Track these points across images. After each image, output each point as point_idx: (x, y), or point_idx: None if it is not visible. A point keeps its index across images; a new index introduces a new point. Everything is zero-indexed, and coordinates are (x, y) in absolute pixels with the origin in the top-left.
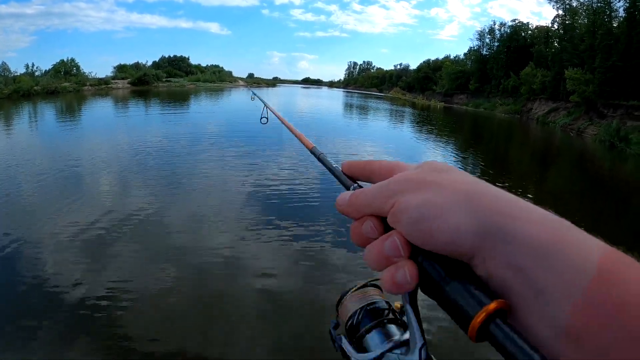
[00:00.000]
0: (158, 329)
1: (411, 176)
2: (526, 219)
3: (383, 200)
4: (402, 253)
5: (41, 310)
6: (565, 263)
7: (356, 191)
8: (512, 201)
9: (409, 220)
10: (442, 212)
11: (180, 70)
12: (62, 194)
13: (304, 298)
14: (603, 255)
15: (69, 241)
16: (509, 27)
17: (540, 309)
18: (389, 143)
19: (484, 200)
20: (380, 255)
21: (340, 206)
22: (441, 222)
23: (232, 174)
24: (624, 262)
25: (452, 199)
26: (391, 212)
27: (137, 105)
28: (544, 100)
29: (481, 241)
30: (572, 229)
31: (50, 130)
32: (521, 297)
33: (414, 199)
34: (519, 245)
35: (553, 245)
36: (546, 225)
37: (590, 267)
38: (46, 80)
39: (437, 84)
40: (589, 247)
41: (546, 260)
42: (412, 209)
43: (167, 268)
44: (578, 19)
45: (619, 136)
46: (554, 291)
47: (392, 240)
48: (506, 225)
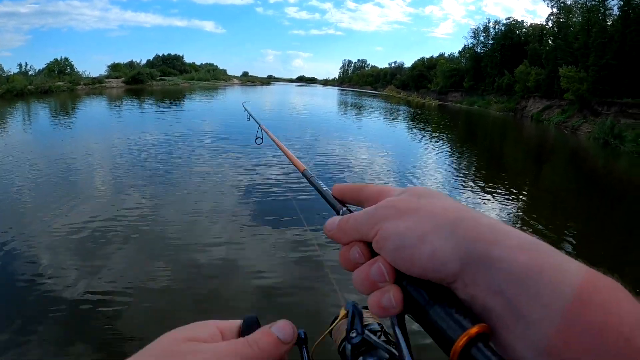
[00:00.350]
0: (155, 330)
1: (395, 203)
2: (505, 244)
3: (368, 227)
4: (387, 278)
5: (38, 310)
6: (544, 286)
7: (344, 217)
8: (492, 226)
9: (391, 248)
10: (422, 239)
11: (175, 69)
12: (56, 193)
13: (299, 299)
14: (583, 277)
15: (64, 241)
16: (504, 25)
17: (522, 332)
18: (383, 141)
19: (464, 227)
20: (367, 280)
21: (329, 232)
22: (421, 249)
23: (228, 172)
24: (604, 284)
25: (432, 226)
26: (375, 239)
27: (131, 104)
28: (538, 98)
29: (462, 267)
30: (551, 252)
31: (44, 129)
32: (502, 320)
33: (396, 226)
34: (498, 270)
35: (532, 270)
36: (525, 249)
37: (568, 290)
38: (40, 79)
39: (431, 82)
40: (568, 270)
41: (525, 284)
42: (394, 237)
43: (163, 267)
44: (572, 17)
45: (613, 134)
46: (533, 314)
47: (378, 266)
48: (486, 250)
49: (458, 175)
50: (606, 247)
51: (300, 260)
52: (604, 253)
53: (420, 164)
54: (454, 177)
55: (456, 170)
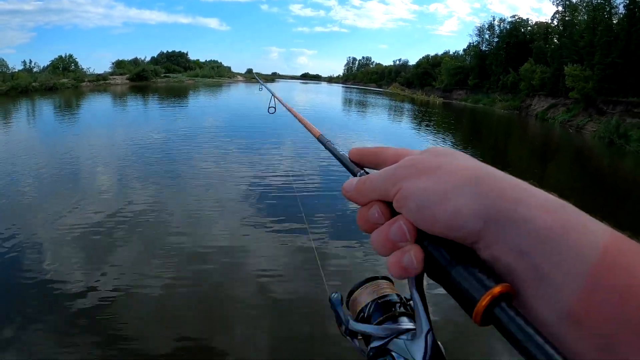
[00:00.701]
0: (157, 328)
1: (416, 161)
2: (530, 203)
3: (388, 185)
4: (408, 238)
5: (42, 309)
6: (568, 247)
7: (362, 177)
8: (516, 185)
9: (413, 206)
10: (445, 197)
11: (179, 66)
12: (61, 191)
13: (304, 296)
14: (607, 240)
15: (69, 238)
16: (509, 23)
17: (544, 293)
18: (388, 139)
19: (487, 185)
20: (387, 240)
21: (347, 192)
22: (444, 207)
23: (233, 168)
24: (629, 248)
25: (455, 184)
26: (396, 198)
27: (135, 100)
28: (543, 96)
29: (485, 225)
30: (576, 212)
31: (49, 127)
32: (525, 281)
33: (418, 184)
34: (522, 230)
35: (556, 230)
36: (550, 209)
37: (593, 251)
38: (44, 76)
39: (436, 79)
40: (593, 231)
41: (549, 245)
42: (416, 195)
43: (167, 266)
44: (578, 15)
45: (619, 133)
46: (557, 276)
47: (398, 225)
48: (509, 209)
49: None
50: None
51: (309, 258)
52: None
53: None
54: None
55: None
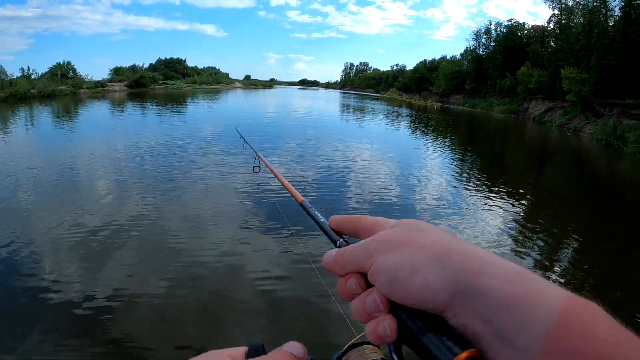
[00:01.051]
0: (156, 334)
1: (388, 237)
2: (492, 274)
3: (363, 259)
4: (382, 309)
5: (40, 315)
6: (528, 313)
7: (340, 250)
8: (480, 257)
9: (385, 280)
10: (413, 271)
11: (177, 73)
12: (59, 198)
13: (304, 301)
14: (564, 303)
15: (67, 246)
16: (505, 27)
17: (508, 356)
18: (386, 145)
19: (453, 259)
20: (363, 310)
21: (327, 264)
22: (413, 281)
23: (232, 175)
24: (584, 309)
25: (423, 259)
26: (370, 272)
27: (134, 108)
28: (541, 99)
29: (452, 297)
30: (534, 280)
31: (47, 134)
32: (491, 345)
33: (389, 259)
34: (486, 300)
35: (517, 298)
36: (511, 278)
37: (551, 315)
38: (42, 83)
39: (433, 84)
40: (550, 296)
41: (511, 312)
42: (387, 269)
43: (166, 273)
44: (574, 18)
45: (616, 135)
46: (518, 339)
47: (373, 298)
48: (474, 281)
49: (461, 178)
50: (610, 247)
51: (307, 263)
52: (608, 253)
53: (423, 168)
54: (457, 180)
55: (459, 173)
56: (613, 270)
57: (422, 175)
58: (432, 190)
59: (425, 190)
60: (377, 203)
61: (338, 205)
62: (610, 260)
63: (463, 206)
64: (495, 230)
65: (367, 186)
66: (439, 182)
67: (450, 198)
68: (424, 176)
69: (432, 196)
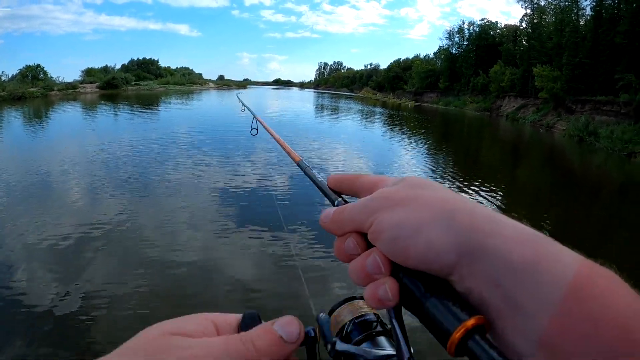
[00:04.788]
0: (132, 334)
1: (390, 193)
2: (503, 235)
3: (363, 217)
4: (383, 270)
5: (11, 323)
6: (541, 277)
7: (338, 208)
8: (489, 217)
9: (386, 239)
10: (418, 230)
11: (150, 73)
12: (30, 203)
13: (284, 304)
14: (578, 268)
15: (39, 253)
16: (478, 26)
17: (518, 323)
18: (359, 143)
19: (461, 218)
20: (363, 272)
21: (324, 223)
22: (417, 241)
23: (207, 177)
24: (600, 275)
25: (428, 217)
26: (370, 230)
27: (106, 109)
28: (513, 97)
29: (459, 258)
30: (548, 242)
31: (17, 137)
32: (499, 311)
33: (392, 217)
34: (495, 262)
35: (528, 261)
36: (522, 240)
37: (565, 280)
38: (12, 85)
39: (407, 83)
40: (564, 260)
41: (522, 276)
42: (389, 228)
43: (142, 277)
44: (546, 17)
45: (588, 131)
46: (530, 305)
47: (373, 258)
48: (482, 242)
49: (436, 174)
50: (584, 240)
51: (279, 264)
52: (582, 246)
53: (397, 165)
54: (432, 176)
55: (433, 170)
56: None
57: (396, 173)
58: None
59: None
60: None
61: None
62: (585, 252)
63: None
64: None
65: None
66: None
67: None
68: (398, 174)
69: None
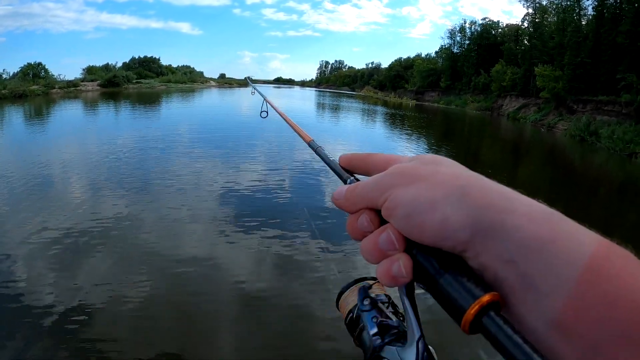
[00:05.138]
0: (133, 339)
1: (404, 169)
2: (518, 212)
3: (377, 194)
4: (397, 247)
5: (11, 322)
6: (556, 256)
7: (351, 185)
8: (504, 194)
9: (401, 215)
10: (433, 206)
11: (151, 72)
12: (32, 200)
13: (285, 301)
14: (595, 247)
15: (40, 251)
16: (480, 25)
17: (532, 302)
18: (361, 142)
19: (476, 194)
20: (376, 249)
21: (337, 200)
22: (432, 217)
23: (208, 175)
24: (617, 255)
25: (443, 193)
26: (384, 206)
27: (107, 107)
28: (515, 96)
29: (473, 235)
30: (564, 221)
31: (18, 135)
32: (513, 289)
33: (406, 193)
34: (510, 239)
35: (544, 238)
36: (538, 218)
37: (580, 259)
38: (14, 83)
39: (408, 82)
40: (580, 239)
41: (537, 254)
42: (404, 204)
43: (143, 275)
44: (548, 17)
45: (589, 131)
46: (544, 284)
47: (387, 234)
48: (497, 218)
49: None
50: None
51: (289, 262)
52: None
53: None
54: None
55: None
56: None
57: None
58: None
59: None
60: None
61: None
62: None
63: None
64: None
65: None
66: None
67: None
68: None
69: None
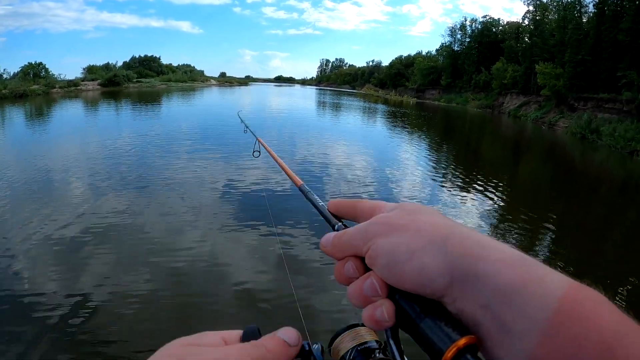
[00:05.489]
0: (134, 334)
1: (386, 220)
2: (491, 259)
3: (361, 243)
4: (380, 293)
5: (14, 320)
6: (528, 299)
7: (338, 233)
8: (479, 242)
9: (382, 264)
10: (412, 255)
11: (152, 71)
12: (33, 199)
13: (287, 301)
14: (565, 290)
15: (41, 250)
16: (480, 23)
17: (507, 343)
18: (362, 140)
19: (452, 243)
20: (361, 295)
21: (325, 247)
22: (411, 265)
23: (207, 175)
24: (586, 297)
25: (422, 243)
26: (367, 255)
27: (107, 107)
28: (515, 94)
29: (450, 282)
30: (535, 265)
31: (19, 134)
32: (490, 332)
33: (387, 242)
34: (484, 285)
35: (517, 283)
36: (510, 263)
37: (551, 301)
38: (14, 83)
39: (409, 79)
40: (551, 282)
41: (510, 297)
42: (385, 253)
43: (143, 274)
44: (548, 14)
45: (590, 128)
46: (518, 326)
47: (370, 282)
48: (473, 266)
49: (438, 171)
50: (585, 235)
51: (289, 263)
52: (583, 241)
53: (400, 162)
54: (435, 172)
55: (435, 167)
56: (588, 257)
57: (399, 169)
58: (410, 184)
59: (403, 183)
60: None
61: None
62: (585, 248)
63: (441, 198)
64: (473, 221)
65: (343, 182)
66: (417, 175)
67: (428, 190)
68: (401, 170)
69: (409, 189)
